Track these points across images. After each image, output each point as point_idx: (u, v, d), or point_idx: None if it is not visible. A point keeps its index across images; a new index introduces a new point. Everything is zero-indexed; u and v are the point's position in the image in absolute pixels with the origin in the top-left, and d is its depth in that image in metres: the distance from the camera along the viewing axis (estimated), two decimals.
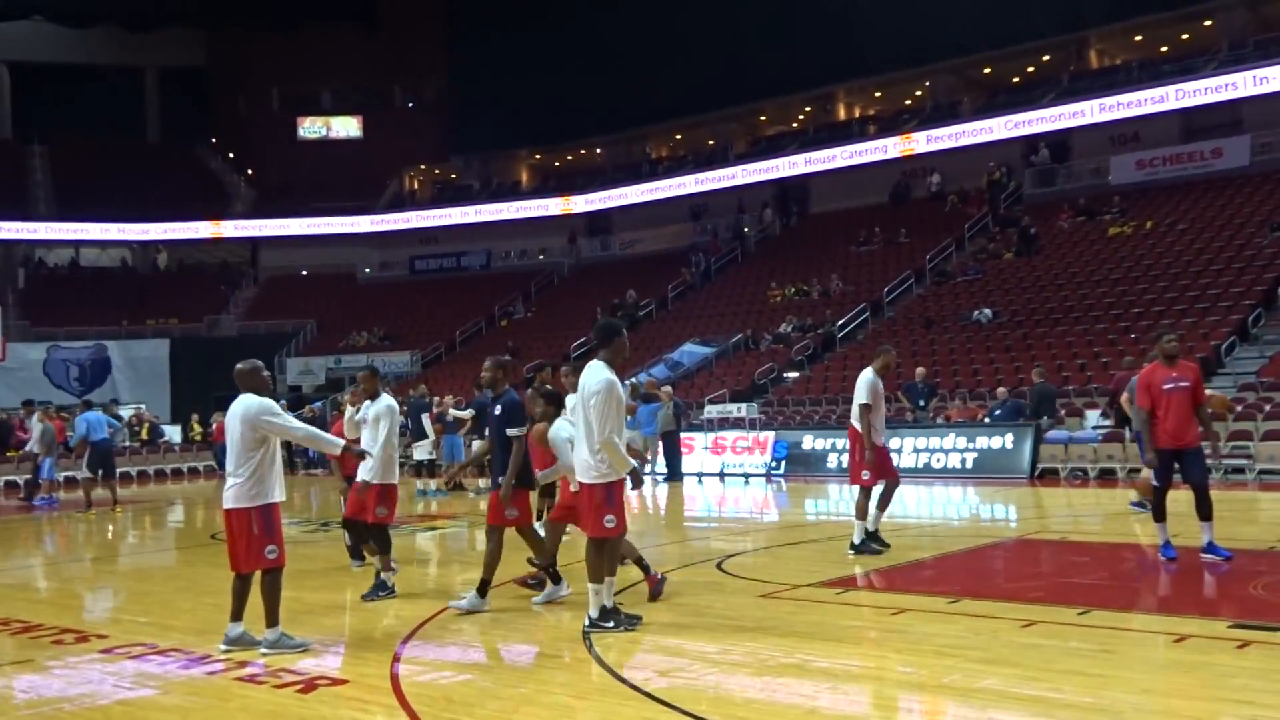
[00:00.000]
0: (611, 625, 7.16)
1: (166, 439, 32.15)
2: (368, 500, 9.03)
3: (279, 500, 7.07)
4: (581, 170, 47.08)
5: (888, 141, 36.37)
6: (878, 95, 40.46)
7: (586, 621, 7.23)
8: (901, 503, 16.27)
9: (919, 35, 35.67)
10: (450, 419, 21.55)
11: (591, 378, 7.19)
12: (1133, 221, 29.05)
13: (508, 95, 44.48)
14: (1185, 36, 33.82)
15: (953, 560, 10.07)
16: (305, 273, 47.37)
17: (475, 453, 11.24)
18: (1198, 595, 8.40)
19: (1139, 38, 34.67)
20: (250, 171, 51.96)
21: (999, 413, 19.80)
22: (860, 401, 10.15)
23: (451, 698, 5.90)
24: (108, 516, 17.59)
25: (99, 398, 31.83)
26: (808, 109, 41.67)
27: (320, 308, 43.85)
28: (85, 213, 44.58)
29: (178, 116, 54.21)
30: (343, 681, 6.30)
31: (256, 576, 7.06)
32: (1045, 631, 6.83)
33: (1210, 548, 9.11)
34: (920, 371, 22.50)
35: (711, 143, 43.58)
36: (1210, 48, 32.58)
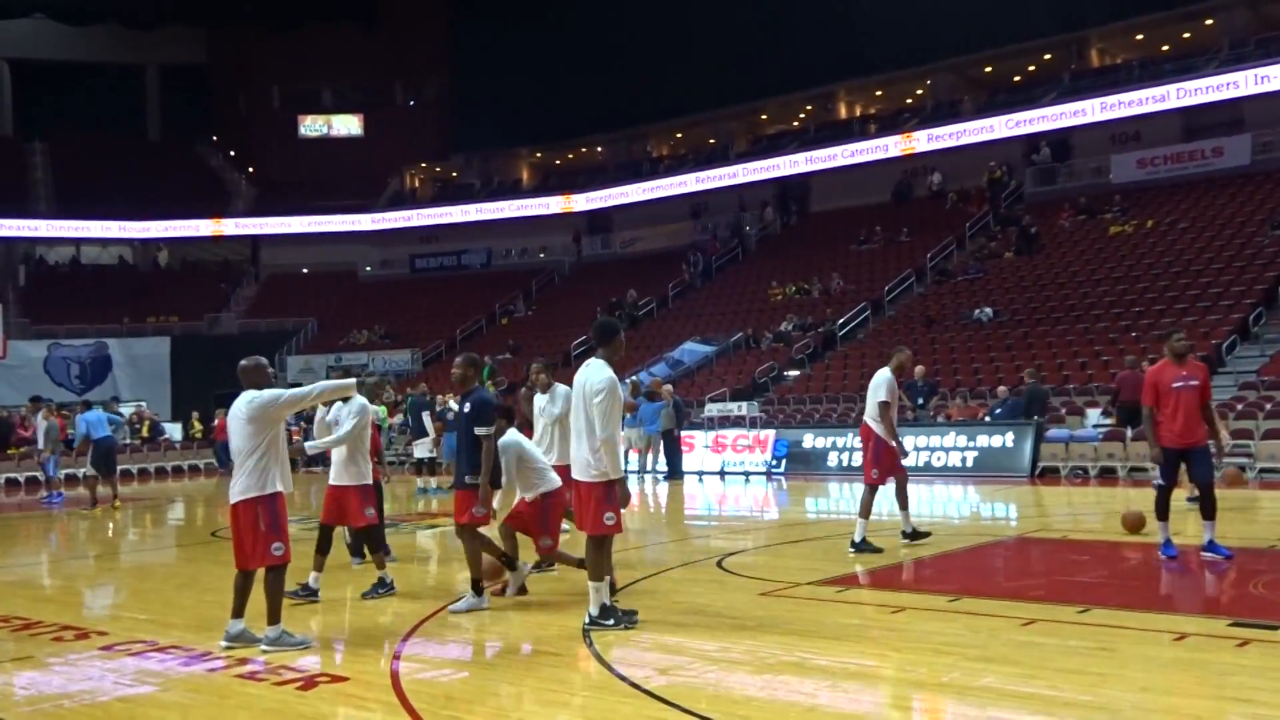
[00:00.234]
0: (611, 623, 7.16)
1: (167, 436, 32.18)
2: (349, 505, 8.89)
3: (284, 491, 7.08)
4: (582, 169, 47.06)
5: (889, 140, 36.36)
6: (879, 94, 40.44)
7: (586, 619, 7.23)
8: (891, 501, 16.28)
9: (920, 34, 35.63)
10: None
11: (594, 375, 7.18)
12: (1134, 220, 29.05)
13: (508, 94, 44.45)
14: (1186, 35, 33.80)
15: (953, 559, 10.07)
16: (306, 271, 47.38)
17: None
18: (1198, 594, 8.41)
19: (1140, 37, 34.65)
20: (251, 169, 51.95)
21: (999, 411, 19.81)
22: (879, 399, 10.29)
23: (451, 695, 5.91)
24: (108, 513, 17.60)
25: (100, 395, 31.89)
26: (809, 108, 41.65)
27: (321, 306, 43.86)
28: (86, 211, 44.60)
29: (178, 114, 54.16)
30: (343, 679, 6.30)
31: (259, 573, 7.07)
32: (1045, 630, 6.83)
33: (1211, 546, 9.12)
34: (919, 370, 22.48)
35: (712, 141, 43.55)
36: (1211, 47, 32.56)
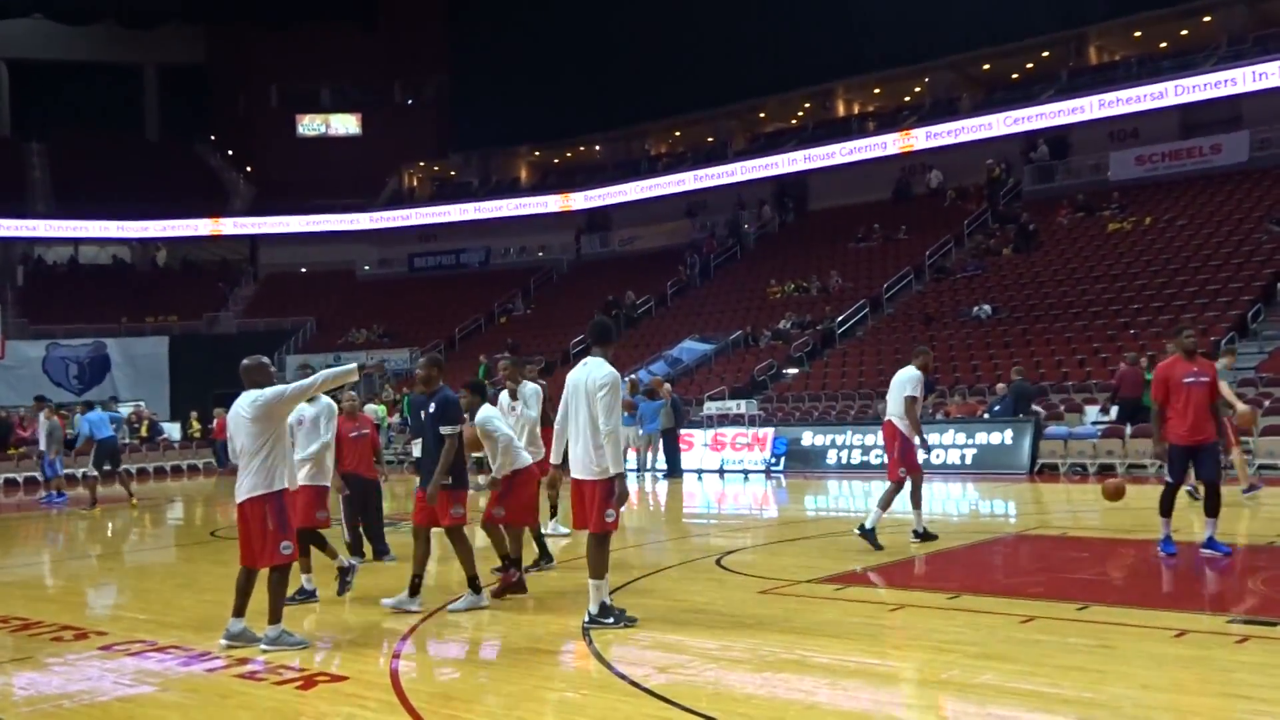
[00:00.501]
0: (611, 621, 7.16)
1: (166, 436, 32.16)
2: (299, 503, 8.54)
3: (290, 489, 7.05)
4: (581, 167, 47.03)
5: (887, 138, 36.35)
6: (877, 92, 40.42)
7: (586, 617, 7.23)
8: (902, 498, 16.29)
9: (918, 32, 35.61)
10: None
11: (596, 371, 7.21)
12: (1132, 217, 29.05)
13: (507, 92, 44.42)
14: (1184, 32, 33.78)
15: (952, 556, 10.08)
16: (304, 270, 47.33)
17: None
18: (1197, 590, 8.41)
19: (1138, 34, 34.64)
20: (249, 169, 51.91)
21: (998, 408, 19.81)
22: (906, 394, 10.47)
23: (451, 694, 5.91)
24: (122, 512, 17.68)
25: (98, 395, 31.91)
26: (807, 105, 41.62)
27: (319, 305, 43.82)
28: (84, 210, 44.55)
29: (177, 114, 54.12)
30: (342, 678, 6.30)
31: (261, 572, 7.06)
32: (1044, 627, 6.83)
33: (1211, 543, 9.13)
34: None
35: (711, 140, 43.51)
36: (1209, 44, 32.55)
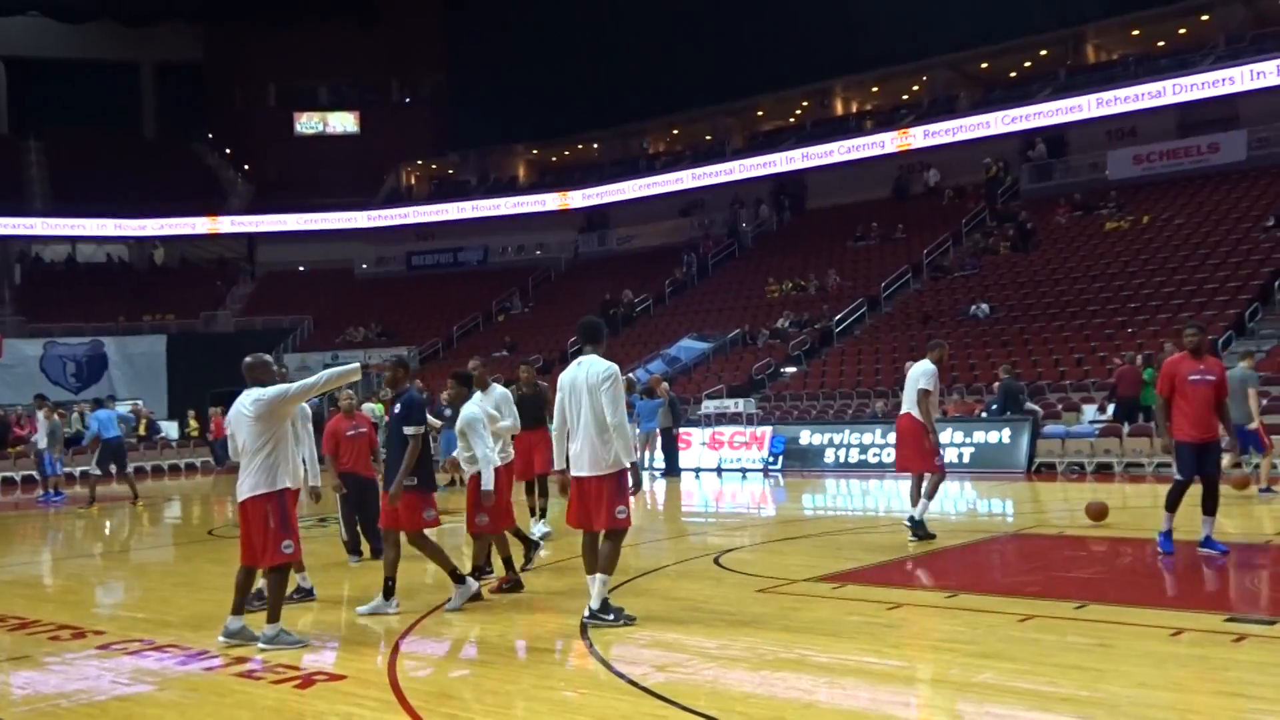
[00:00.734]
0: (611, 619, 7.17)
1: (163, 435, 32.15)
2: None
3: (293, 487, 7.05)
4: (579, 165, 47.01)
5: (885, 136, 36.35)
6: (875, 90, 40.41)
7: (586, 612, 7.24)
8: (899, 497, 16.30)
9: (916, 30, 35.63)
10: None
11: (595, 366, 7.23)
12: (1129, 216, 29.07)
13: (504, 90, 44.42)
14: (1182, 31, 33.80)
15: (950, 555, 10.09)
16: (302, 268, 47.30)
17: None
18: (1195, 589, 8.41)
19: (1136, 33, 34.65)
20: (247, 167, 51.85)
21: (995, 407, 19.82)
22: (920, 388, 10.60)
23: (449, 693, 5.91)
24: (120, 511, 17.68)
25: (96, 394, 31.87)
26: (805, 104, 41.61)
27: (317, 303, 43.79)
28: (82, 208, 44.51)
29: (174, 112, 54.06)
30: (340, 677, 6.30)
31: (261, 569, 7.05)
32: (1042, 626, 6.84)
33: (1208, 542, 9.13)
34: (910, 365, 22.50)
35: (709, 138, 43.51)
36: (1207, 43, 32.56)
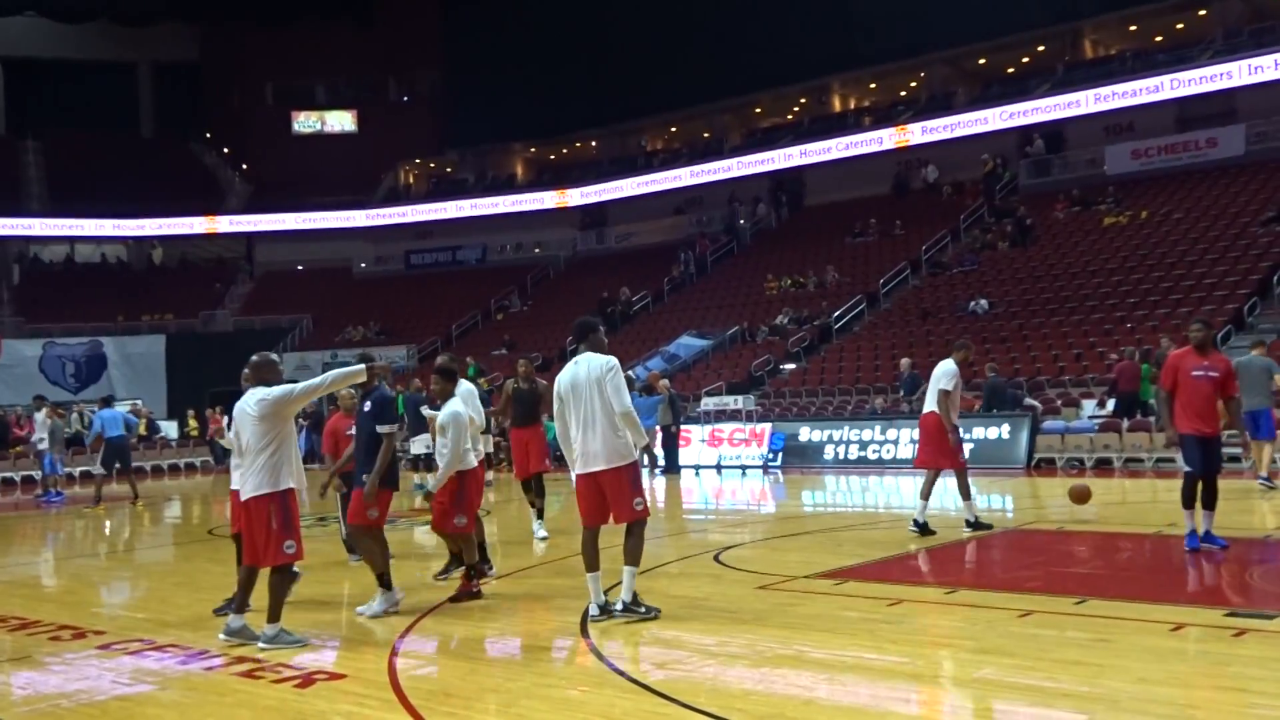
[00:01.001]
0: (643, 611, 7.26)
1: (163, 435, 32.17)
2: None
3: (295, 487, 7.06)
4: (577, 163, 47.01)
5: (883, 133, 36.35)
6: (873, 87, 40.41)
7: (619, 605, 7.28)
8: (899, 493, 16.32)
9: (914, 26, 35.59)
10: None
11: (596, 361, 7.26)
12: (1128, 211, 29.07)
13: (502, 88, 44.36)
14: (1180, 26, 33.80)
15: (950, 551, 10.09)
16: (301, 267, 47.28)
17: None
18: (1194, 584, 8.42)
19: (1133, 27, 34.64)
20: (245, 166, 51.80)
21: (980, 405, 19.86)
22: (941, 387, 10.74)
23: (449, 691, 5.91)
24: (120, 511, 17.68)
25: (94, 394, 31.90)
26: (803, 100, 41.60)
27: (316, 302, 43.76)
28: (80, 208, 44.48)
29: (172, 111, 54.01)
30: (340, 676, 6.30)
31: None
32: (1042, 621, 6.85)
33: (1208, 537, 9.13)
34: (905, 362, 22.58)
35: (706, 135, 43.49)
36: (1205, 37, 32.54)
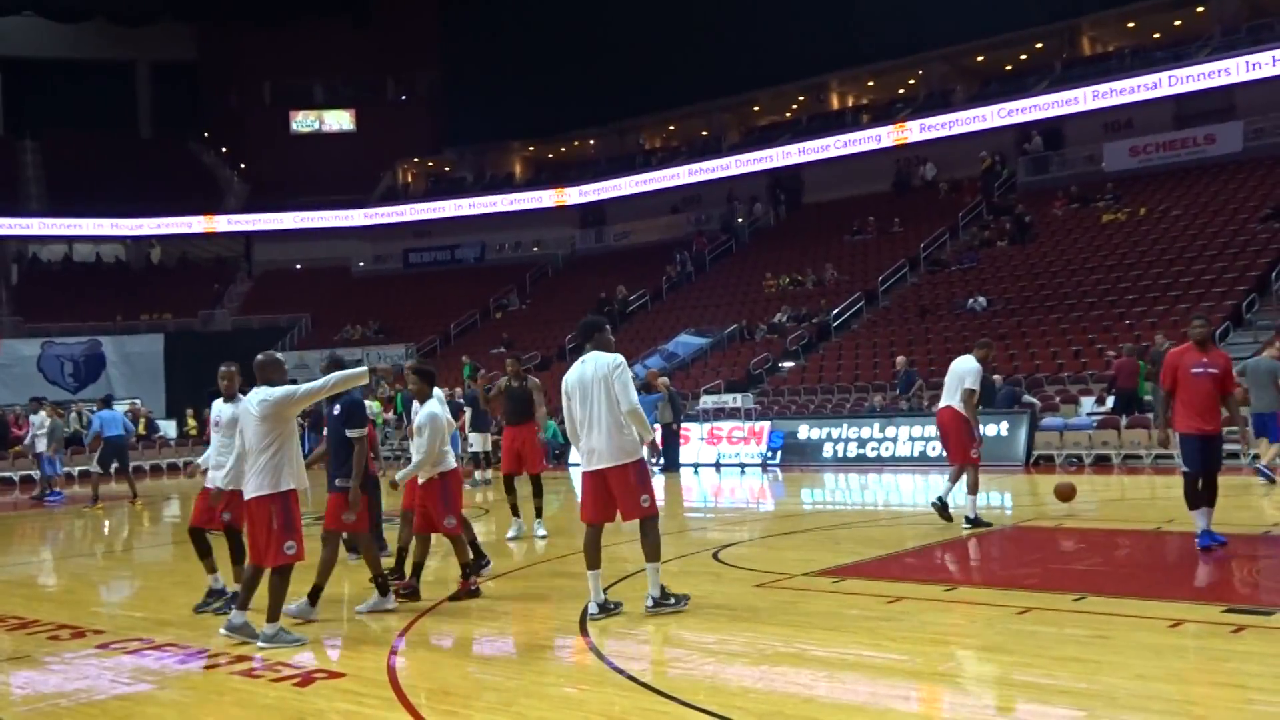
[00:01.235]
0: (673, 603, 7.30)
1: (162, 434, 32.16)
2: (218, 508, 8.20)
3: (296, 488, 7.06)
4: (575, 162, 47.03)
5: (881, 131, 36.38)
6: (871, 84, 40.42)
7: (650, 602, 7.30)
8: (898, 491, 16.33)
9: (912, 24, 35.62)
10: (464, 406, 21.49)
11: (602, 359, 7.29)
12: (1126, 208, 29.09)
13: (500, 87, 44.38)
14: (1178, 23, 33.82)
15: (948, 548, 10.09)
16: (299, 267, 47.30)
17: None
18: (1193, 580, 8.42)
19: (1131, 24, 34.66)
20: (243, 166, 51.80)
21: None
22: (966, 387, 10.92)
23: (449, 690, 5.91)
24: (119, 511, 17.69)
25: (93, 394, 31.92)
26: (801, 99, 41.62)
27: (315, 301, 43.78)
28: (78, 208, 44.53)
29: (170, 111, 54.02)
30: (340, 675, 6.30)
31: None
32: (1041, 618, 6.84)
33: (1206, 533, 9.12)
34: (901, 360, 22.60)
35: (705, 133, 43.51)
36: (1203, 34, 32.57)
